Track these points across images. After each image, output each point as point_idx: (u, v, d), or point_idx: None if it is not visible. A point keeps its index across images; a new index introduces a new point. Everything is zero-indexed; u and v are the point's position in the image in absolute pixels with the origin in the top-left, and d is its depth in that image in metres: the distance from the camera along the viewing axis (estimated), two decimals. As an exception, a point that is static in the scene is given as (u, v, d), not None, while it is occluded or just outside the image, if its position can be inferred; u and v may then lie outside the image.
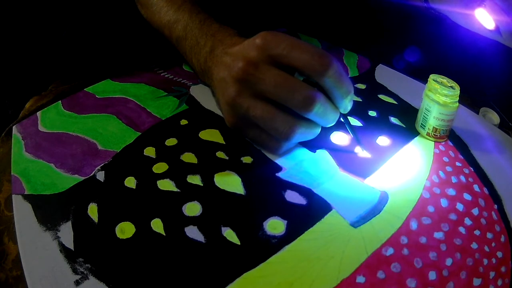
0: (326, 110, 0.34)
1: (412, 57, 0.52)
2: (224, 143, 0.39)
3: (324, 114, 0.34)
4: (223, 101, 0.36)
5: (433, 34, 0.54)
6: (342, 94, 0.34)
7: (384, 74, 0.50)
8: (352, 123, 0.38)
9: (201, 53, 0.40)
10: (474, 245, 0.30)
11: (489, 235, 0.31)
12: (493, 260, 0.30)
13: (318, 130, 0.36)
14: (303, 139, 0.36)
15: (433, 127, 0.39)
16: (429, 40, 0.55)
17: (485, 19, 0.40)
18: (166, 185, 0.34)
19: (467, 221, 0.32)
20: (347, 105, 0.35)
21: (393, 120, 0.42)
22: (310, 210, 0.33)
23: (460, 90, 0.37)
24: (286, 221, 0.32)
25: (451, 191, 0.35)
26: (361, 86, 0.47)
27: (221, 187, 0.34)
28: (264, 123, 0.34)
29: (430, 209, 0.33)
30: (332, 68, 0.32)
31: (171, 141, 0.39)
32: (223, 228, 0.31)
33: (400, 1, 0.53)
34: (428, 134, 0.40)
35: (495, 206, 0.34)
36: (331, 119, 0.35)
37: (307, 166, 0.36)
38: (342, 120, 0.37)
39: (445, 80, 0.38)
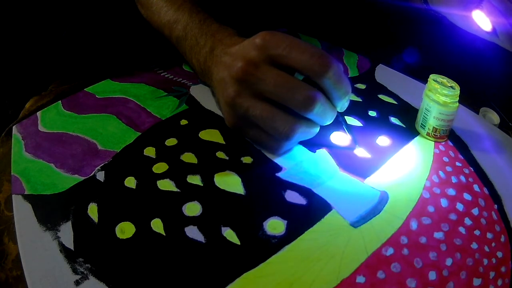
0: (326, 110, 0.34)
1: (412, 57, 0.52)
2: (224, 143, 0.39)
3: (324, 113, 0.34)
4: (223, 101, 0.36)
5: (433, 34, 0.54)
6: (341, 95, 0.34)
7: (384, 74, 0.50)
8: (348, 122, 0.38)
9: (201, 53, 0.40)
10: (474, 245, 0.30)
11: (489, 235, 0.31)
12: (493, 260, 0.30)
13: (317, 129, 0.36)
14: (302, 138, 0.36)
15: (433, 127, 0.39)
16: (429, 40, 0.55)
17: (482, 21, 0.40)
18: (166, 185, 0.34)
19: (467, 221, 0.32)
20: (344, 104, 0.35)
21: (393, 120, 0.42)
22: (310, 210, 0.33)
23: (460, 90, 0.37)
24: (286, 221, 0.32)
25: (451, 191, 0.35)
26: (361, 86, 0.47)
27: (221, 187, 0.34)
28: (264, 123, 0.34)
29: (430, 209, 0.33)
30: (331, 69, 0.32)
31: (171, 141, 0.39)
32: (223, 228, 0.31)
33: (399, 2, 0.53)
34: (428, 134, 0.40)
35: (495, 206, 0.34)
36: (329, 118, 0.35)
37: (307, 166, 0.36)
38: (339, 119, 0.37)
39: (445, 80, 0.38)
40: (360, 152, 0.38)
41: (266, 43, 0.33)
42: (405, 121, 0.42)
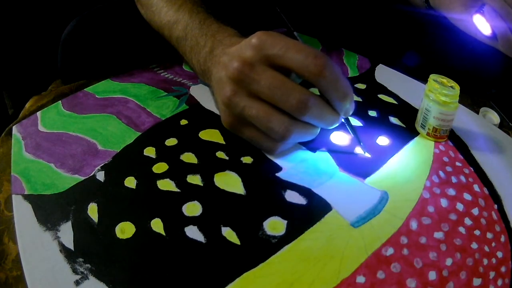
0: (322, 114, 0.33)
1: (412, 57, 0.52)
2: (224, 143, 0.39)
3: (320, 117, 0.33)
4: (220, 101, 0.36)
5: (433, 34, 0.54)
6: (338, 97, 0.33)
7: (384, 74, 0.50)
8: (352, 124, 0.38)
9: (201, 54, 0.40)
10: (474, 245, 0.30)
11: (489, 235, 0.31)
12: (493, 260, 0.30)
13: (317, 131, 0.36)
14: (300, 139, 0.36)
15: (433, 127, 0.39)
16: (429, 40, 0.55)
17: (482, 25, 0.41)
18: (166, 185, 0.34)
19: (467, 221, 0.32)
20: (347, 108, 0.34)
21: (393, 120, 0.42)
22: (310, 210, 0.33)
23: (460, 90, 0.37)
24: (286, 221, 0.32)
25: (451, 191, 0.35)
26: (361, 86, 0.47)
27: (221, 187, 0.34)
28: (260, 123, 0.34)
29: (430, 209, 0.33)
30: (327, 69, 0.31)
31: (171, 141, 0.39)
32: (223, 228, 0.31)
33: (400, 2, 0.53)
34: (428, 134, 0.40)
35: (495, 206, 0.34)
36: (329, 122, 0.34)
37: (307, 166, 0.36)
38: (343, 120, 0.37)
39: (445, 80, 0.38)
40: (361, 152, 0.38)
41: (262, 43, 0.32)
42: (405, 121, 0.42)
